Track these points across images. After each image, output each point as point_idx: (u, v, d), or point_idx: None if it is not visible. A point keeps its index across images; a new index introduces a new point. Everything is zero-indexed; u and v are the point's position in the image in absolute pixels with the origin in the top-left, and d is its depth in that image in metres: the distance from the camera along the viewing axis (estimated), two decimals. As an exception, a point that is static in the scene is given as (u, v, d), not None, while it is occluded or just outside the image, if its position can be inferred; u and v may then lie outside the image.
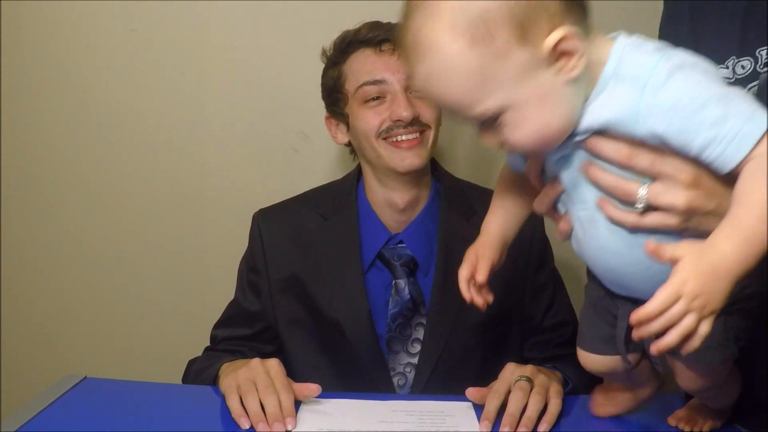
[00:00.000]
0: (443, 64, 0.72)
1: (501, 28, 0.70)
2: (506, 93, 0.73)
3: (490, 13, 0.70)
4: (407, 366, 1.33)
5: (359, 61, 1.35)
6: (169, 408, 1.14)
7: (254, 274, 1.40)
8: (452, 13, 0.70)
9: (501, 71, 0.72)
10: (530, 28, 0.71)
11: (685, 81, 0.72)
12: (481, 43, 0.70)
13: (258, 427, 1.04)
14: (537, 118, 0.75)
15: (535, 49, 0.72)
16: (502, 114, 0.75)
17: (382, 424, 1.06)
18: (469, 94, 0.73)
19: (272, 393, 1.08)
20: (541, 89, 0.74)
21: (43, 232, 1.82)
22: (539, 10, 0.71)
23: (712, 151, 0.72)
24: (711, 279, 0.68)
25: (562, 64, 0.73)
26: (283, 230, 1.40)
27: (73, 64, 1.75)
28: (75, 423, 1.05)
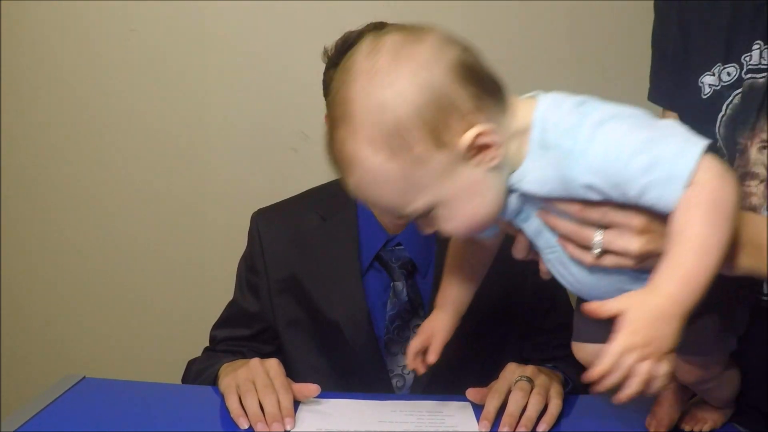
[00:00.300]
0: (369, 175, 0.76)
1: (416, 137, 0.73)
2: (432, 193, 0.77)
3: (403, 125, 0.73)
4: (406, 368, 1.32)
5: None
6: (168, 408, 1.14)
7: (253, 275, 1.40)
8: (369, 128, 0.74)
9: (424, 175, 0.75)
10: (444, 132, 0.74)
11: (607, 137, 0.74)
12: (401, 153, 0.74)
13: (257, 427, 1.03)
14: (465, 210, 0.79)
15: (453, 149, 0.75)
16: (433, 209, 0.79)
17: (382, 424, 1.06)
18: (398, 198, 0.77)
19: (271, 393, 1.08)
20: (465, 183, 0.77)
21: (43, 232, 1.82)
22: (449, 113, 0.74)
23: (650, 197, 0.73)
24: (659, 324, 0.69)
25: (482, 157, 0.76)
26: (281, 230, 1.39)
27: (73, 64, 1.75)
28: (74, 423, 1.05)
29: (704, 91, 1.09)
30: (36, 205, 1.82)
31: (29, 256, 1.84)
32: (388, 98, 0.73)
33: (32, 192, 1.81)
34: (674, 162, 0.71)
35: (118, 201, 1.80)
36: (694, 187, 0.71)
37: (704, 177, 0.71)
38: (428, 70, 0.74)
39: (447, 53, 0.76)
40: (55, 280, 1.85)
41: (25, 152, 1.80)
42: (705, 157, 0.72)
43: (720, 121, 1.07)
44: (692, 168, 0.71)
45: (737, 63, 1.06)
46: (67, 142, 1.78)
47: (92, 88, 1.76)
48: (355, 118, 0.75)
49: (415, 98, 0.73)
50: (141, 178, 1.79)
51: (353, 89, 0.75)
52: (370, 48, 0.77)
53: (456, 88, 0.75)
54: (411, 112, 0.73)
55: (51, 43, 1.75)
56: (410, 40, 0.76)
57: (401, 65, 0.74)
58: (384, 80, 0.74)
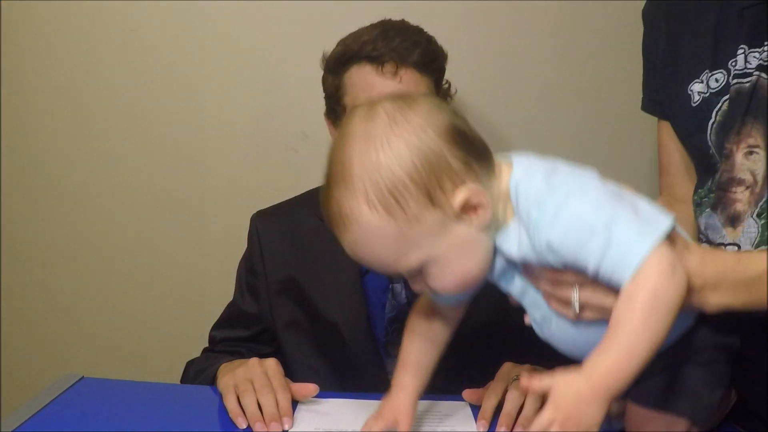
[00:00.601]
0: (365, 233, 0.80)
1: (410, 197, 0.78)
2: (425, 250, 0.81)
3: (397, 186, 0.78)
4: None
5: (359, 76, 1.30)
6: (166, 408, 1.14)
7: (252, 276, 1.40)
8: (365, 188, 0.78)
9: (417, 233, 0.80)
10: (437, 192, 0.79)
11: (570, 215, 0.78)
12: (395, 212, 0.78)
13: (255, 426, 1.03)
14: (456, 267, 0.83)
15: (446, 208, 0.79)
16: (425, 267, 0.82)
17: (380, 424, 1.06)
18: (392, 255, 0.81)
19: (269, 392, 1.08)
20: (456, 241, 0.81)
21: (42, 232, 1.83)
22: (442, 174, 0.79)
23: (605, 273, 0.77)
24: (581, 404, 0.73)
25: (473, 217, 0.81)
26: (280, 232, 1.39)
27: (73, 64, 1.75)
28: (72, 423, 1.05)
29: (694, 99, 1.09)
30: (36, 206, 1.82)
31: (29, 256, 1.84)
32: (384, 159, 0.78)
33: (32, 192, 1.81)
34: (628, 249, 0.76)
35: (118, 201, 1.80)
36: (639, 280, 0.75)
37: (650, 272, 0.75)
38: (421, 134, 0.79)
39: (438, 118, 0.81)
40: (54, 280, 1.85)
41: (25, 153, 1.80)
42: (658, 250, 0.75)
43: (710, 128, 1.07)
44: (640, 261, 0.75)
45: (724, 69, 1.06)
46: (67, 143, 1.79)
47: (92, 89, 1.76)
48: (352, 178, 0.79)
49: (410, 159, 0.78)
50: (141, 178, 1.79)
51: (350, 151, 0.79)
52: (366, 114, 0.82)
53: (448, 151, 0.79)
54: (406, 173, 0.78)
55: (51, 43, 1.75)
56: (403, 106, 0.81)
57: (396, 129, 0.79)
58: (380, 142, 0.79)
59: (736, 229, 1.05)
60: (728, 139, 1.05)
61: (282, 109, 1.75)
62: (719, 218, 1.07)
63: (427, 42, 1.33)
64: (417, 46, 1.29)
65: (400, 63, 1.27)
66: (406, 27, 1.34)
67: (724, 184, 1.06)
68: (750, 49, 1.04)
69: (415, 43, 1.29)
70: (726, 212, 1.06)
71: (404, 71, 1.27)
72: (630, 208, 0.79)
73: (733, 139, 1.04)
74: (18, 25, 1.74)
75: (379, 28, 1.31)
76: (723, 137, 1.05)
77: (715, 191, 1.07)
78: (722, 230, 1.06)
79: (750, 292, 0.83)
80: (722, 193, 1.06)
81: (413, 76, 1.28)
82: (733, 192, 1.05)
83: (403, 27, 1.33)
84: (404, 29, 1.32)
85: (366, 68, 1.29)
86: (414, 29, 1.34)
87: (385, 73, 1.27)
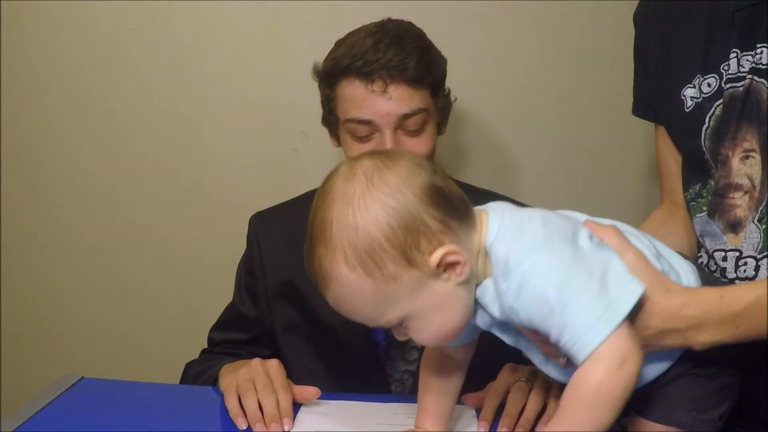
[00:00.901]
0: (345, 291, 0.82)
1: (387, 258, 0.80)
2: (404, 307, 0.82)
3: (374, 247, 0.79)
4: (405, 373, 1.32)
5: (349, 91, 1.28)
6: (166, 408, 1.14)
7: (251, 279, 1.40)
8: (344, 249, 0.80)
9: (396, 291, 0.81)
10: (413, 252, 0.80)
11: (532, 291, 0.79)
12: (374, 272, 0.80)
13: (255, 427, 1.03)
14: (436, 321, 0.84)
15: (423, 267, 0.81)
16: (405, 321, 0.84)
17: (381, 425, 1.06)
18: (372, 311, 0.83)
19: (270, 393, 1.08)
20: (435, 297, 0.82)
21: (42, 231, 1.83)
22: (418, 235, 0.80)
23: (563, 348, 0.79)
24: None
25: (450, 273, 0.82)
26: (279, 234, 1.39)
27: (73, 64, 1.75)
28: (72, 423, 1.05)
29: (687, 104, 1.08)
30: (36, 206, 1.82)
31: (29, 256, 1.84)
32: (361, 221, 0.80)
33: (32, 192, 1.81)
34: (581, 335, 0.77)
35: (118, 201, 1.80)
36: (587, 369, 0.77)
37: (598, 365, 0.76)
38: (398, 195, 0.80)
39: (416, 178, 0.82)
40: (54, 281, 1.85)
41: (25, 153, 1.80)
42: (613, 338, 0.76)
43: (704, 134, 1.06)
44: (592, 349, 0.76)
45: (716, 73, 1.05)
46: (67, 143, 1.79)
47: (92, 88, 1.76)
48: (332, 239, 0.81)
49: (386, 221, 0.80)
50: (140, 178, 1.79)
51: (330, 212, 0.82)
52: (347, 173, 0.83)
53: (425, 211, 0.81)
54: (383, 234, 0.79)
55: (51, 43, 1.75)
56: (381, 167, 0.82)
57: (373, 190, 0.81)
58: (358, 204, 0.80)
59: (737, 235, 1.04)
60: (723, 145, 1.04)
61: (282, 109, 1.75)
62: (718, 225, 1.06)
63: (423, 52, 1.28)
64: (411, 57, 1.25)
65: (390, 80, 1.24)
66: (404, 33, 1.29)
67: (722, 190, 1.04)
68: (743, 53, 1.02)
69: (410, 54, 1.25)
70: (725, 218, 1.05)
71: (394, 87, 1.24)
72: (597, 282, 0.78)
73: (728, 144, 1.03)
74: (18, 25, 1.74)
75: (374, 37, 1.27)
76: (717, 142, 1.04)
77: (713, 197, 1.06)
78: (723, 237, 1.05)
79: (737, 326, 0.84)
80: (720, 199, 1.05)
81: (404, 91, 1.25)
82: (731, 198, 1.03)
83: (399, 34, 1.28)
84: (400, 36, 1.27)
85: (355, 83, 1.26)
86: (412, 35, 1.30)
87: (374, 90, 1.24)
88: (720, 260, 1.05)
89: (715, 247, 1.06)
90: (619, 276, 0.80)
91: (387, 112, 1.25)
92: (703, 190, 1.09)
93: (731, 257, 1.04)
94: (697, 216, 1.09)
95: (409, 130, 1.27)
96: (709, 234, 1.07)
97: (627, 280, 0.80)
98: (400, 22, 1.33)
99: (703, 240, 1.09)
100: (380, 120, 1.25)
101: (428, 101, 1.29)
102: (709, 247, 1.07)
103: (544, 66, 1.73)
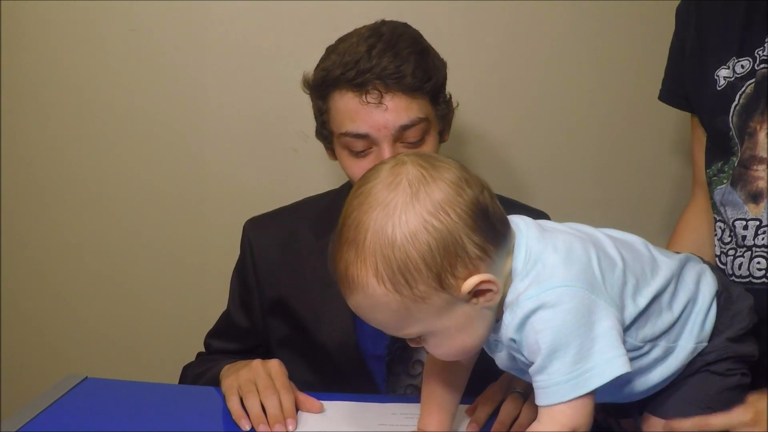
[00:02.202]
0: (370, 300, 0.79)
1: (420, 279, 0.77)
2: (427, 325, 0.81)
3: (409, 267, 0.76)
4: (408, 387, 1.30)
5: (342, 103, 1.20)
6: (169, 408, 1.15)
7: (245, 291, 1.37)
8: (376, 261, 0.77)
9: (421, 310, 0.79)
10: (448, 276, 0.78)
11: (531, 330, 0.80)
12: (403, 290, 0.77)
13: (258, 428, 1.04)
14: (457, 341, 0.83)
15: (453, 292, 0.79)
16: (425, 336, 0.84)
17: (382, 425, 1.06)
18: (393, 324, 0.82)
19: (273, 394, 1.08)
20: (459, 319, 0.81)
21: (43, 232, 1.83)
22: (456, 259, 0.77)
23: (534, 384, 0.81)
24: None
25: (480, 299, 0.81)
26: (274, 243, 1.35)
27: (73, 64, 1.75)
28: (75, 423, 1.06)
29: (719, 83, 1.13)
30: (36, 206, 1.82)
31: (29, 256, 1.84)
32: (400, 237, 0.76)
33: (32, 192, 1.81)
34: (547, 387, 0.79)
35: (118, 201, 1.80)
36: (537, 426, 0.80)
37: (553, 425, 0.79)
38: (442, 214, 0.77)
39: (463, 196, 0.79)
40: (55, 281, 1.85)
41: (25, 153, 1.79)
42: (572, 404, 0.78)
43: (733, 111, 1.11)
44: (550, 404, 0.79)
45: (750, 57, 1.11)
46: (67, 143, 1.78)
47: (92, 89, 1.76)
48: (365, 247, 0.78)
49: (426, 242, 0.76)
50: (141, 178, 1.79)
51: (368, 218, 0.78)
52: (389, 178, 0.80)
53: (466, 235, 0.78)
54: (420, 255, 0.76)
55: (51, 43, 1.75)
56: (428, 177, 0.79)
57: (417, 205, 0.77)
58: (399, 218, 0.77)
59: (758, 206, 1.09)
60: (753, 119, 1.09)
61: (282, 109, 1.75)
62: (740, 195, 1.11)
63: (420, 56, 1.20)
64: (408, 63, 1.17)
65: (386, 89, 1.16)
66: (398, 37, 1.21)
67: (747, 162, 1.10)
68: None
69: (406, 60, 1.18)
70: (747, 189, 1.10)
71: (390, 97, 1.17)
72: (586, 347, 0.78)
73: (757, 118, 1.09)
74: (18, 24, 1.73)
75: (366, 43, 1.19)
76: (746, 118, 1.10)
77: (737, 168, 1.11)
78: (744, 207, 1.11)
79: None
80: (744, 170, 1.10)
81: (401, 102, 1.17)
82: (755, 170, 1.09)
83: (394, 38, 1.20)
84: (395, 41, 1.20)
85: (348, 95, 1.19)
86: (407, 39, 1.22)
87: (369, 102, 1.17)
88: (741, 229, 1.11)
89: (736, 216, 1.12)
90: (609, 347, 0.79)
91: (384, 124, 1.17)
92: (725, 166, 1.15)
93: (752, 226, 1.10)
94: (719, 188, 1.15)
95: (409, 142, 1.20)
96: (731, 203, 1.13)
97: (613, 356, 0.79)
98: (394, 25, 1.26)
99: (724, 209, 1.14)
100: (377, 133, 1.18)
101: (428, 109, 1.22)
102: (729, 216, 1.13)
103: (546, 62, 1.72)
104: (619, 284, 0.84)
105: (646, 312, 0.86)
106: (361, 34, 1.22)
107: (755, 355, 0.93)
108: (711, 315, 0.91)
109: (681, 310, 0.89)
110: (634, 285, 0.85)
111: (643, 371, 0.88)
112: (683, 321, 0.90)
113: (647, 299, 0.86)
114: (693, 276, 0.92)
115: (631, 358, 0.83)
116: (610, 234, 0.91)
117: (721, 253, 1.16)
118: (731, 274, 1.13)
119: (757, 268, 1.09)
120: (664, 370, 0.89)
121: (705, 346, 0.90)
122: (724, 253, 1.15)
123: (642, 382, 0.89)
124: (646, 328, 0.86)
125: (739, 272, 1.12)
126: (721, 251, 1.16)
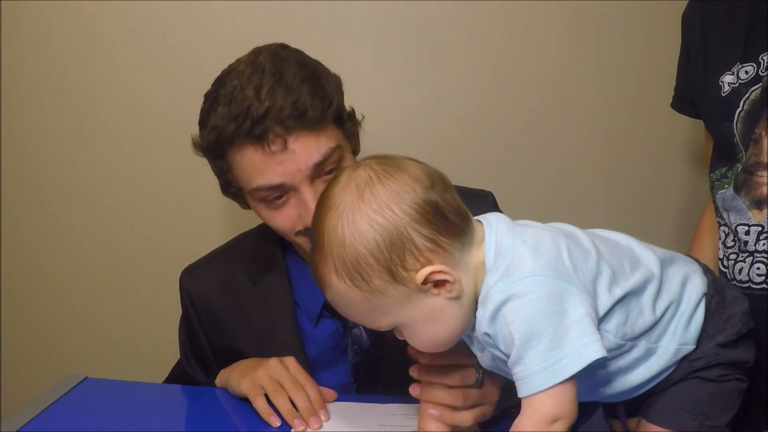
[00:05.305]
0: (339, 297, 0.85)
1: (373, 273, 0.82)
2: (394, 316, 0.85)
3: (360, 263, 0.82)
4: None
5: (244, 159, 1.09)
6: (169, 408, 1.15)
7: (195, 346, 1.31)
8: (334, 260, 0.83)
9: (383, 302, 0.84)
10: (399, 269, 0.82)
11: (504, 322, 0.81)
12: (360, 284, 0.83)
13: (294, 423, 1.05)
14: (428, 333, 0.86)
15: (408, 284, 0.82)
16: (399, 328, 0.88)
17: (382, 426, 1.06)
18: (364, 317, 0.87)
19: (300, 389, 1.09)
20: (424, 310, 0.84)
21: (43, 232, 1.83)
22: (404, 252, 0.82)
23: (514, 376, 0.82)
24: None
25: (439, 290, 0.84)
26: (213, 295, 1.29)
27: (73, 64, 1.75)
28: (76, 424, 1.06)
29: (723, 89, 1.13)
30: (36, 206, 1.82)
31: (29, 256, 1.84)
32: (349, 236, 0.82)
33: (32, 192, 1.81)
34: (525, 377, 0.80)
35: (119, 201, 1.80)
36: (520, 419, 0.80)
37: (531, 418, 0.79)
38: (387, 212, 0.82)
39: (409, 193, 0.83)
40: (55, 281, 1.85)
41: (25, 153, 1.79)
42: (550, 393, 0.79)
43: (737, 117, 1.11)
44: (530, 394, 0.80)
45: (755, 62, 1.10)
46: (67, 143, 1.78)
47: (92, 89, 1.76)
48: (324, 248, 0.84)
49: (373, 238, 0.81)
50: (141, 178, 1.79)
51: (324, 221, 0.84)
52: (343, 182, 0.85)
53: (413, 228, 0.82)
54: (368, 251, 0.81)
55: (51, 44, 1.75)
56: (376, 178, 0.84)
57: (362, 205, 0.82)
58: (347, 219, 0.82)
59: (762, 212, 1.10)
60: (758, 125, 1.09)
61: (282, 109, 1.75)
62: (744, 200, 1.11)
63: (313, 84, 1.09)
64: (303, 95, 1.07)
65: (287, 133, 1.06)
66: (283, 65, 1.10)
67: (751, 168, 1.10)
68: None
69: (300, 92, 1.07)
70: (751, 195, 1.11)
71: (294, 139, 1.06)
72: (560, 335, 0.79)
73: (762, 124, 1.08)
74: (18, 25, 1.73)
75: (251, 83, 1.08)
76: (750, 124, 1.10)
77: (741, 173, 1.12)
78: (748, 212, 1.11)
79: None
80: (748, 176, 1.11)
81: (307, 140, 1.07)
82: (759, 176, 1.09)
83: (278, 69, 1.09)
84: (281, 72, 1.08)
85: (249, 150, 1.08)
86: (293, 65, 1.11)
87: (273, 151, 1.06)
88: (743, 234, 1.11)
89: (739, 222, 1.12)
90: (583, 333, 0.80)
91: (296, 168, 1.07)
92: (729, 172, 1.15)
93: (754, 231, 1.10)
94: (720, 192, 1.15)
95: (327, 174, 1.10)
96: (734, 209, 1.13)
97: (588, 341, 0.79)
98: (272, 51, 1.14)
99: (727, 214, 1.15)
100: (291, 179, 1.08)
101: (337, 135, 1.13)
102: (732, 221, 1.13)
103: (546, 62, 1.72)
104: (591, 274, 0.84)
105: (625, 306, 0.86)
106: (240, 72, 1.11)
107: (749, 361, 0.93)
108: (697, 318, 0.91)
109: (663, 311, 0.89)
110: (610, 276, 0.86)
111: (623, 370, 0.89)
112: (666, 322, 0.90)
113: (624, 291, 0.86)
114: (679, 277, 0.92)
115: (612, 357, 0.85)
116: (593, 232, 0.92)
117: (724, 257, 1.16)
118: (732, 278, 1.13)
119: (757, 274, 1.09)
120: (646, 371, 0.89)
121: (691, 349, 0.90)
122: (726, 257, 1.15)
123: (623, 381, 0.89)
124: (626, 326, 0.86)
125: (739, 277, 1.12)
126: (724, 255, 1.16)
